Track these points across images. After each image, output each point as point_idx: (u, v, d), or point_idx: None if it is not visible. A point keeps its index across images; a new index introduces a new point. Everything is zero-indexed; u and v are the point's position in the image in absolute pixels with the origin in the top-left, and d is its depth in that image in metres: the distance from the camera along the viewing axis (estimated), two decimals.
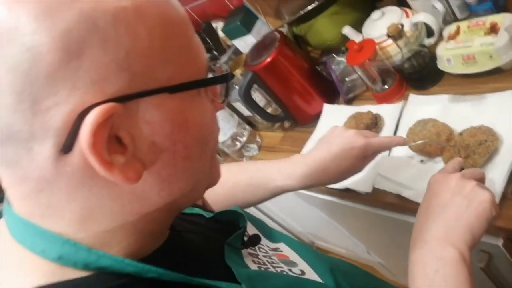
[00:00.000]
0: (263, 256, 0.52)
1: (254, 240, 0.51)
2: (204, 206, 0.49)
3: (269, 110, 1.16)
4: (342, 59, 1.05)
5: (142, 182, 0.33)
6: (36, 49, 0.27)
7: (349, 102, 1.02)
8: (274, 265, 0.50)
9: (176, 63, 0.33)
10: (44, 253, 0.33)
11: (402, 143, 0.67)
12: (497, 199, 0.62)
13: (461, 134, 0.70)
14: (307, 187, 0.68)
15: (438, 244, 0.47)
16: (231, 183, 0.71)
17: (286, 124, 1.15)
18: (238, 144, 1.17)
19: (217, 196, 0.71)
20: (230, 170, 0.73)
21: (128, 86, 0.30)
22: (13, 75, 0.27)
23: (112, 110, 0.29)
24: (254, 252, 0.51)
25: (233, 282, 0.40)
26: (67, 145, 0.29)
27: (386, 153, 0.81)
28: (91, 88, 0.29)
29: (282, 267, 0.50)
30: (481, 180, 0.54)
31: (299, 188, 0.67)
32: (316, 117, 1.05)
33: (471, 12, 0.83)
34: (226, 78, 0.38)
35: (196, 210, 0.56)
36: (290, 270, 0.51)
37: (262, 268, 0.48)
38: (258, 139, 1.21)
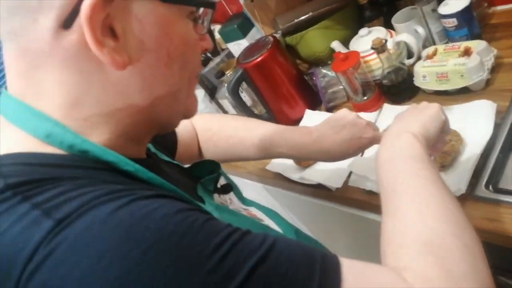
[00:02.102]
0: (233, 208, 0.54)
1: (226, 188, 0.54)
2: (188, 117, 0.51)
3: (255, 112, 1.20)
4: (328, 72, 1.12)
5: (127, 76, 0.36)
6: None
7: (329, 110, 1.07)
8: (241, 214, 0.53)
9: None
10: (35, 131, 0.35)
11: None
12: (463, 189, 0.66)
13: None
14: (307, 160, 0.72)
15: (395, 133, 0.53)
16: (236, 140, 0.73)
17: None
18: None
19: (218, 148, 0.74)
20: (237, 127, 0.75)
21: None
22: None
23: None
24: (224, 202, 0.54)
25: None
26: (68, 19, 0.33)
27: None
28: None
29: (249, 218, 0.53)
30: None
31: (300, 159, 0.73)
32: (296, 122, 1.10)
33: (448, 37, 0.91)
34: (213, 5, 0.41)
35: (176, 162, 0.58)
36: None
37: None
38: None
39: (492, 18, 0.96)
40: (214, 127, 0.77)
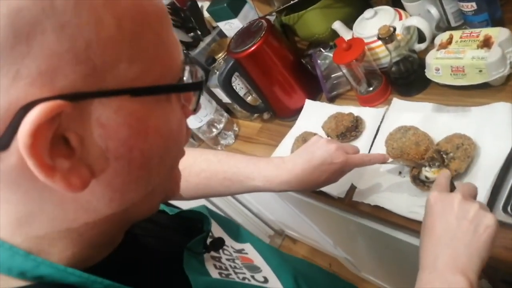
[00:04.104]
0: (226, 259, 0.49)
1: (218, 244, 0.49)
2: (170, 199, 0.45)
3: (249, 99, 1.12)
4: (329, 54, 1.01)
5: (89, 191, 0.28)
6: None
7: (331, 100, 0.99)
8: (236, 270, 0.48)
9: (145, 61, 0.29)
10: None
11: (382, 160, 0.67)
12: None
13: (438, 143, 0.69)
14: (283, 191, 0.68)
15: (448, 271, 0.47)
16: (208, 174, 0.69)
17: (265, 115, 1.11)
18: (214, 131, 1.13)
19: (189, 184, 0.68)
20: (209, 160, 0.70)
21: (83, 82, 0.26)
22: None
23: (59, 109, 0.25)
24: (217, 255, 0.49)
25: None
26: (3, 142, 0.25)
27: None
28: (38, 80, 0.24)
29: (245, 274, 0.48)
30: (475, 195, 0.53)
31: (276, 191, 0.67)
32: (296, 111, 1.02)
33: (465, 21, 0.80)
34: (200, 86, 0.34)
35: (161, 206, 0.53)
36: (252, 277, 0.48)
37: (223, 275, 0.46)
38: (236, 128, 1.17)
39: None
40: (185, 161, 0.71)
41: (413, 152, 0.71)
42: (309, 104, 1.00)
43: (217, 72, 1.05)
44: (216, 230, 0.54)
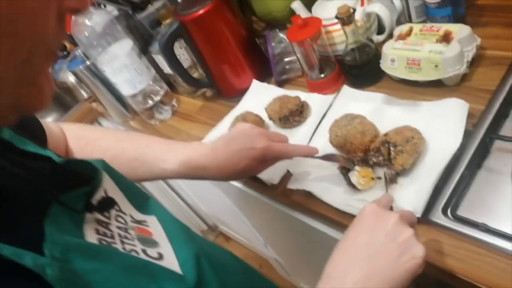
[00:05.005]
0: (117, 227, 0.40)
1: (105, 205, 0.40)
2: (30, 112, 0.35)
3: (195, 75, 1.02)
4: (285, 37, 0.94)
5: None
6: None
7: (280, 84, 0.91)
8: (125, 241, 0.39)
9: None
10: None
11: (308, 153, 0.63)
12: (419, 212, 0.55)
13: (386, 134, 0.63)
14: (197, 179, 0.63)
15: (326, 275, 0.43)
16: (115, 151, 0.63)
17: (209, 92, 1.02)
18: (150, 103, 1.02)
19: None
20: (119, 137, 0.65)
21: None
22: None
23: None
24: (104, 219, 0.39)
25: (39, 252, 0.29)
26: None
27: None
28: None
29: (135, 246, 0.39)
30: (413, 225, 0.48)
31: (188, 178, 0.62)
32: (242, 92, 0.93)
33: (428, 15, 0.76)
34: None
35: (48, 153, 0.43)
36: (144, 251, 0.39)
37: (103, 242, 0.36)
38: (175, 103, 1.07)
39: None
40: (88, 135, 0.65)
41: (357, 141, 0.64)
42: (256, 84, 0.92)
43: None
44: (115, 193, 0.44)
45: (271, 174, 0.71)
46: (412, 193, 0.58)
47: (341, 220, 0.63)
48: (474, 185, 0.58)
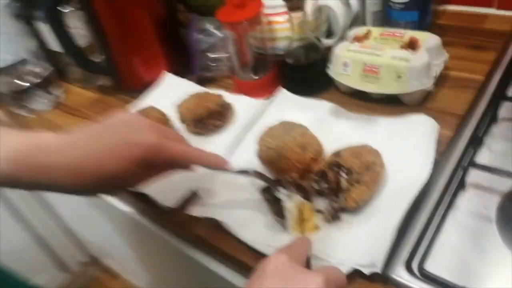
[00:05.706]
0: None
1: None
2: None
3: (86, 56, 0.78)
4: (216, 31, 0.76)
5: None
6: None
7: (201, 82, 0.71)
8: None
9: None
10: None
11: (220, 164, 0.43)
12: (379, 266, 0.38)
13: (337, 154, 0.45)
14: (38, 188, 0.39)
15: None
16: None
17: (106, 81, 0.78)
18: (22, 85, 0.75)
19: None
20: None
21: None
22: None
23: None
24: None
25: None
26: None
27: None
28: None
29: None
30: None
31: (21, 184, 0.38)
32: (149, 85, 0.72)
33: (389, 22, 0.63)
34: None
35: None
36: None
37: None
38: (60, 93, 0.81)
39: (441, 18, 0.71)
40: None
41: (296, 157, 0.46)
42: (168, 77, 0.71)
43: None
44: None
45: (166, 192, 0.49)
46: (367, 237, 0.41)
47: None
48: (446, 230, 0.42)
